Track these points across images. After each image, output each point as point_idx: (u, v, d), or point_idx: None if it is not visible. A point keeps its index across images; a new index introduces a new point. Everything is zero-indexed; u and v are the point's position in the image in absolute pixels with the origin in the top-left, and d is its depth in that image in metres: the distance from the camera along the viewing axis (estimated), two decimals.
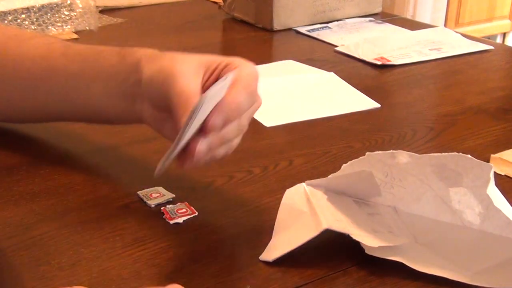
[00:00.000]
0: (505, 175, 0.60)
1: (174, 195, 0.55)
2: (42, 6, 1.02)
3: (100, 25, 1.09)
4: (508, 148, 0.64)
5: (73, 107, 0.60)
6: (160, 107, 0.52)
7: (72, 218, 0.52)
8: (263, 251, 0.48)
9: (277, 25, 1.07)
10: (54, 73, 0.60)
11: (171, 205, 0.54)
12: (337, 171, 0.61)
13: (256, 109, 0.52)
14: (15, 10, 1.00)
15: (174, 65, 0.50)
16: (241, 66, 0.51)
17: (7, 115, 0.65)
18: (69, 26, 1.04)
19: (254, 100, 0.51)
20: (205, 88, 0.50)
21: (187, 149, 0.46)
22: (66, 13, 1.04)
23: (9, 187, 0.57)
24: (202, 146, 0.46)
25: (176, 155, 0.46)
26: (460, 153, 0.47)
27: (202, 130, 0.46)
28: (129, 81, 0.55)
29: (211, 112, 0.46)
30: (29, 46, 0.62)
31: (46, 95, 0.61)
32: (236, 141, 0.51)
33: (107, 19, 1.13)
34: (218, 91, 0.46)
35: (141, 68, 0.53)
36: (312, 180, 0.52)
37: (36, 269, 0.46)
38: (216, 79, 0.50)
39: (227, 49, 1.06)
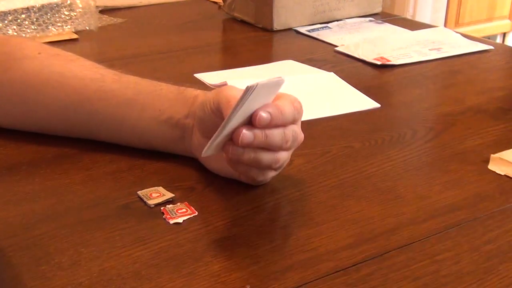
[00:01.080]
0: (505, 175, 0.60)
1: (174, 195, 0.55)
2: (42, 6, 1.02)
3: (100, 25, 1.09)
4: (508, 148, 0.65)
5: (119, 130, 0.62)
6: (208, 133, 0.53)
7: (72, 218, 0.52)
8: (264, 251, 0.48)
9: (277, 25, 1.07)
10: (105, 96, 0.61)
11: (171, 205, 0.54)
12: (337, 171, 0.61)
13: (298, 137, 0.55)
14: (15, 10, 1.00)
15: (226, 88, 0.54)
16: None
17: (39, 126, 0.65)
18: (69, 26, 1.04)
19: (297, 118, 0.54)
20: None
21: (233, 135, 0.50)
22: (66, 13, 1.04)
23: (9, 187, 0.57)
24: (247, 131, 0.49)
25: (222, 141, 0.50)
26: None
27: (249, 124, 0.50)
28: (183, 113, 0.59)
29: (258, 108, 0.50)
30: (76, 66, 0.64)
31: (90, 116, 0.62)
32: (283, 157, 0.53)
33: (107, 19, 1.13)
34: (266, 92, 0.49)
35: (196, 100, 0.58)
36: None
37: (36, 269, 0.46)
38: None
39: (227, 49, 1.06)
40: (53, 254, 0.47)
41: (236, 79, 0.81)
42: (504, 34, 2.70)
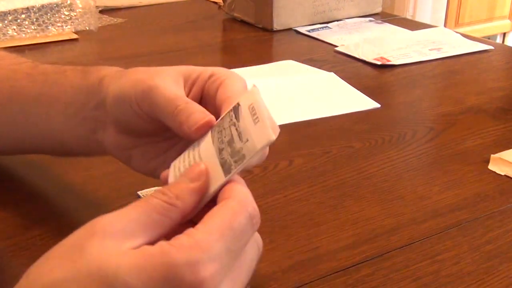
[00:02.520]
0: (505, 175, 0.60)
1: None
2: (42, 6, 1.02)
3: (100, 25, 1.09)
4: (508, 148, 0.64)
5: (32, 135, 0.52)
6: (129, 132, 0.45)
7: (72, 218, 0.52)
8: (264, 251, 0.48)
9: (277, 25, 1.07)
10: (16, 96, 0.51)
11: None
12: (337, 171, 0.61)
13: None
14: (15, 10, 1.00)
15: (151, 77, 0.42)
16: (229, 79, 0.43)
17: None
18: (69, 26, 1.04)
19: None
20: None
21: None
22: (66, 13, 1.04)
23: (9, 187, 0.57)
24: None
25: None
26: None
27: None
28: (90, 104, 0.47)
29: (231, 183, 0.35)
30: None
31: (6, 122, 0.52)
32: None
33: (107, 19, 1.13)
34: (257, 136, 0.34)
35: (104, 87, 0.45)
36: None
37: None
38: (201, 91, 0.44)
39: (227, 49, 1.06)
40: None
41: None
42: (504, 34, 2.70)
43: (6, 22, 0.99)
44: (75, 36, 1.02)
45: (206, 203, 0.35)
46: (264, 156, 0.39)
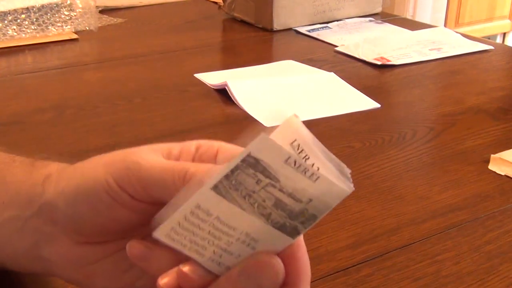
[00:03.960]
0: (505, 175, 0.60)
1: None
2: (42, 6, 1.02)
3: (100, 25, 1.09)
4: (508, 148, 0.64)
5: None
6: (95, 237, 0.34)
7: None
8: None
9: (277, 25, 1.07)
10: None
11: None
12: None
13: None
14: (15, 10, 1.00)
15: (128, 155, 0.34)
16: (223, 146, 0.35)
17: None
18: (69, 26, 1.04)
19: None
20: None
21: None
22: (66, 13, 1.04)
23: None
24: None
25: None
26: None
27: None
28: (30, 209, 0.35)
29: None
30: None
31: None
32: None
33: (107, 19, 1.13)
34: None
35: (50, 188, 0.35)
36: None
37: None
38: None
39: (227, 49, 1.06)
40: None
41: (236, 79, 0.81)
42: (504, 34, 2.70)
43: (6, 22, 0.99)
44: (75, 36, 1.02)
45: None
46: None
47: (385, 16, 1.17)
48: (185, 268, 0.30)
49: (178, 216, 0.29)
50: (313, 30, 1.08)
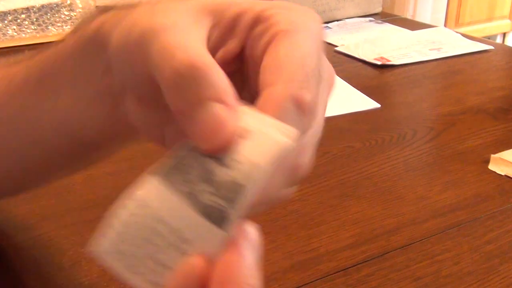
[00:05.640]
0: (505, 175, 0.60)
1: None
2: (42, 6, 1.02)
3: None
4: (508, 148, 0.64)
5: (39, 138, 0.37)
6: (150, 102, 0.30)
7: (72, 218, 0.52)
8: (264, 251, 0.48)
9: None
10: (13, 91, 0.38)
11: None
12: (337, 171, 0.61)
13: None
14: (15, 10, 1.00)
15: (153, 15, 0.27)
16: (290, 33, 0.26)
17: None
18: (69, 26, 1.04)
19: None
20: (216, 54, 0.28)
21: None
22: (66, 13, 1.04)
23: None
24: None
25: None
26: None
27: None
28: (96, 69, 0.32)
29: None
30: None
31: (8, 131, 0.38)
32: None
33: None
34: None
35: (106, 38, 0.29)
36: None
37: (36, 269, 0.46)
38: (241, 45, 0.28)
39: None
40: (53, 254, 0.47)
41: None
42: (504, 34, 2.70)
43: (6, 22, 0.99)
44: None
45: None
46: (294, 185, 0.28)
47: (385, 16, 1.17)
48: None
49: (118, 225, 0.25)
50: None
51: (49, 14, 1.02)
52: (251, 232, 0.24)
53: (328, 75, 0.30)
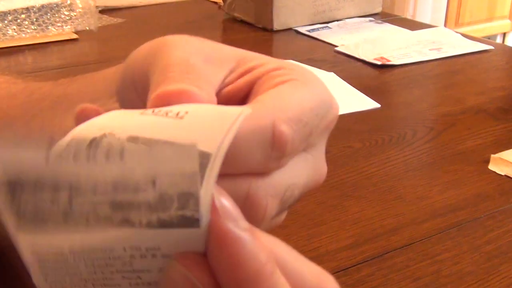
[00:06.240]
0: (505, 175, 0.60)
1: None
2: (42, 6, 1.02)
3: (100, 25, 1.09)
4: (508, 148, 0.64)
5: None
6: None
7: None
8: None
9: (277, 25, 1.07)
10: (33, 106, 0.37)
11: None
12: (337, 171, 0.61)
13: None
14: (15, 10, 1.00)
15: (173, 39, 0.31)
16: (294, 87, 0.27)
17: None
18: (69, 26, 1.04)
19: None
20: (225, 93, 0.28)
21: None
22: (66, 13, 1.04)
23: None
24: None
25: None
26: None
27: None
28: (109, 92, 0.34)
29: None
30: None
31: None
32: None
33: (107, 19, 1.13)
34: None
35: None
36: None
37: None
38: (250, 86, 0.28)
39: None
40: None
41: None
42: (504, 34, 2.70)
43: (6, 22, 0.99)
44: (75, 36, 1.02)
45: None
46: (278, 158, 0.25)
47: (385, 16, 1.17)
48: None
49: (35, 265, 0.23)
50: (313, 30, 1.08)
51: (49, 14, 1.02)
52: (227, 206, 0.20)
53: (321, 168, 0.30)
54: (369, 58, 0.92)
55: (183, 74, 0.26)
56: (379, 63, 0.91)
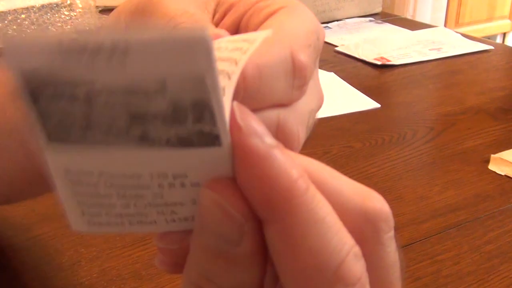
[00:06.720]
0: (505, 175, 0.60)
1: None
2: (42, 6, 1.02)
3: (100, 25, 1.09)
4: (508, 148, 0.64)
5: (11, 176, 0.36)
6: None
7: None
8: None
9: None
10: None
11: None
12: (337, 171, 0.61)
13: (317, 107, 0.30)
14: (15, 10, 1.00)
15: None
16: (287, 10, 0.27)
17: None
18: (69, 26, 1.04)
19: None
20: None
21: None
22: (66, 13, 1.04)
23: None
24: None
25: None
26: None
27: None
28: None
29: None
30: None
31: None
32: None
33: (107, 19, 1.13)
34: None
35: None
36: None
37: (36, 269, 0.46)
38: (238, 23, 0.29)
39: None
40: (53, 254, 0.47)
41: None
42: (504, 34, 2.70)
43: (6, 22, 0.99)
44: None
45: None
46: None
47: (385, 16, 1.17)
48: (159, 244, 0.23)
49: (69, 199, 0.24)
50: None
51: (49, 14, 1.02)
52: (250, 122, 0.19)
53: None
54: (369, 58, 0.92)
55: (193, 23, 0.26)
56: (379, 63, 0.91)
